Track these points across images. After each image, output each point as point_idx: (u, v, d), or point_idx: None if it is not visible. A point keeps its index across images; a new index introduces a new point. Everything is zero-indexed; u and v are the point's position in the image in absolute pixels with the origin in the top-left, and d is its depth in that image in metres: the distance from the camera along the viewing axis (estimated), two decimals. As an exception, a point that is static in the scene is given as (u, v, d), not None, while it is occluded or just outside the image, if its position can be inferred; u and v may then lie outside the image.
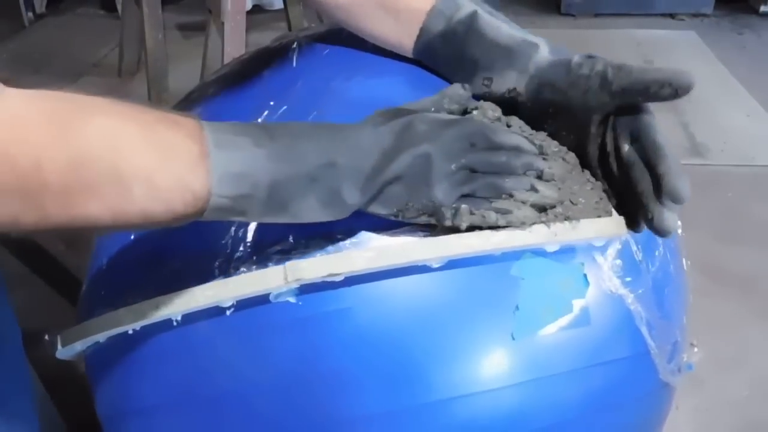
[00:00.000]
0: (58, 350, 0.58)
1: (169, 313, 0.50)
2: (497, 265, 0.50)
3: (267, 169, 0.43)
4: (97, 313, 0.55)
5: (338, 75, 0.59)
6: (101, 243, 0.64)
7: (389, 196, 0.47)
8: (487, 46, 0.55)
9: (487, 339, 0.50)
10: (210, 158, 0.41)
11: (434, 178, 0.47)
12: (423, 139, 0.47)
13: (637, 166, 0.50)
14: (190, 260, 0.52)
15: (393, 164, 0.46)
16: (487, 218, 0.48)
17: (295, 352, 0.49)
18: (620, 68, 0.50)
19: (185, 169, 0.41)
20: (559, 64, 0.53)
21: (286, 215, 0.45)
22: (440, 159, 0.47)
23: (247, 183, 0.42)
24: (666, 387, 0.60)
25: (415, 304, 0.50)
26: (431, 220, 0.48)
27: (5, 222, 0.37)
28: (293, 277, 0.47)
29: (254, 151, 0.43)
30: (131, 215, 0.40)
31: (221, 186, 0.42)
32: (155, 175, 0.40)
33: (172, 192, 0.40)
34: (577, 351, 0.52)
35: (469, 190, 0.48)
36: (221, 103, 0.63)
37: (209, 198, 0.42)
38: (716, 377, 1.16)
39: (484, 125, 0.51)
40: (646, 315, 0.54)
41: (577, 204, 0.51)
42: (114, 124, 0.39)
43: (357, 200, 0.46)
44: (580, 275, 0.52)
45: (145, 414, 0.56)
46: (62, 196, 0.38)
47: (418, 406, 0.49)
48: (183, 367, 0.53)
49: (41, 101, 0.38)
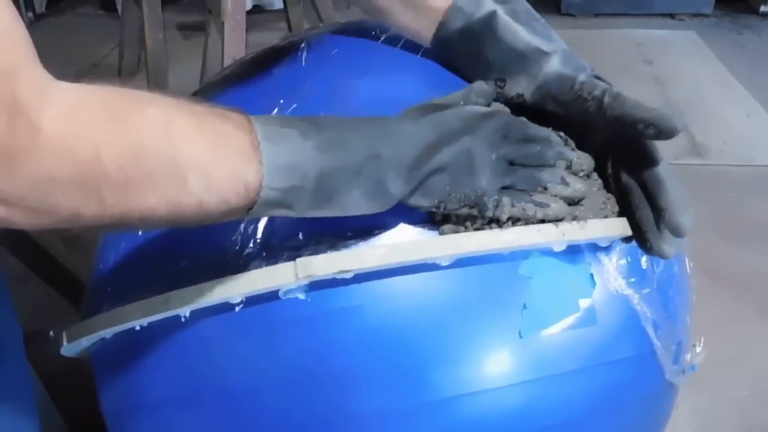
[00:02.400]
0: (64, 347, 0.58)
1: (178, 310, 0.50)
2: (505, 264, 0.50)
3: (315, 160, 0.43)
4: (103, 309, 0.55)
5: (348, 73, 0.59)
6: (107, 240, 0.64)
7: (432, 187, 0.47)
8: (502, 49, 0.55)
9: (495, 337, 0.50)
10: (261, 149, 0.41)
11: (477, 168, 0.48)
12: (463, 131, 0.48)
13: (636, 193, 0.51)
14: (199, 257, 0.52)
15: (437, 156, 0.47)
16: (527, 211, 0.49)
17: (303, 349, 0.50)
18: (616, 98, 0.50)
19: (238, 160, 0.41)
20: (565, 80, 0.53)
21: (332, 208, 0.45)
22: (481, 150, 0.48)
23: (296, 174, 0.43)
24: (670, 387, 0.60)
25: (423, 302, 0.50)
26: (472, 212, 0.49)
27: (66, 215, 0.37)
28: (304, 274, 0.47)
29: (302, 142, 0.43)
30: (187, 207, 0.40)
31: (272, 178, 0.42)
32: (210, 165, 0.40)
33: (226, 183, 0.41)
34: (583, 350, 0.52)
35: (510, 182, 0.49)
36: (230, 101, 0.63)
37: (260, 190, 0.42)
38: (716, 377, 1.16)
39: (516, 119, 0.52)
40: (652, 315, 0.54)
41: (584, 204, 0.51)
42: (167, 114, 0.39)
43: (401, 191, 0.46)
44: (587, 275, 0.52)
45: (152, 409, 0.56)
46: (121, 186, 0.37)
47: (427, 403, 0.49)
48: (191, 362, 0.53)
49: (94, 93, 0.38)
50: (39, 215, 0.37)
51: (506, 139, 0.50)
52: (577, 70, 0.54)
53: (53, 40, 2.50)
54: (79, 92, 0.37)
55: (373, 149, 0.45)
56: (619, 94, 0.51)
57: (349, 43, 0.62)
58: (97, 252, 0.65)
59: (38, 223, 0.37)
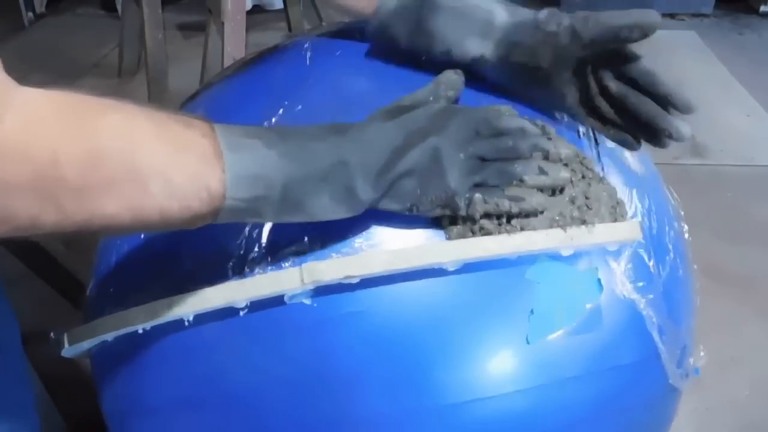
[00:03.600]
0: (65, 349, 0.57)
1: (182, 314, 0.50)
2: (512, 269, 0.50)
3: (280, 169, 0.43)
4: (106, 311, 0.54)
5: (352, 74, 0.59)
6: (109, 241, 0.63)
7: (402, 191, 0.47)
8: (441, 17, 0.55)
9: (501, 342, 0.50)
10: (224, 158, 0.41)
11: (446, 168, 0.47)
12: (429, 131, 0.48)
13: (631, 94, 0.52)
14: (203, 261, 0.52)
15: (403, 159, 0.47)
16: (501, 206, 0.48)
17: (310, 354, 0.49)
18: (587, 19, 0.51)
19: (200, 167, 0.41)
20: (524, 25, 0.54)
21: (301, 214, 0.45)
22: (449, 149, 0.48)
23: (261, 184, 0.42)
24: (674, 391, 0.60)
25: (429, 307, 0.50)
26: (445, 212, 0.48)
27: (25, 223, 0.37)
28: (310, 279, 0.47)
29: (266, 152, 0.43)
30: (149, 213, 0.40)
31: (236, 188, 0.41)
32: (171, 170, 0.40)
33: (188, 189, 0.40)
34: (588, 355, 0.52)
35: (480, 179, 0.49)
36: (233, 102, 0.63)
37: (224, 198, 0.41)
38: (716, 377, 1.16)
39: (487, 112, 0.51)
40: (658, 320, 0.54)
41: (592, 208, 0.51)
42: (127, 120, 0.39)
43: (369, 196, 0.46)
44: (594, 279, 0.52)
45: (154, 412, 0.56)
46: (80, 192, 0.37)
47: (432, 408, 0.49)
48: (194, 366, 0.53)
49: (54, 98, 0.38)
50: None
51: (477, 134, 0.49)
52: (526, 13, 0.54)
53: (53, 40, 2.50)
54: (41, 97, 0.37)
55: (339, 156, 0.45)
56: (588, 15, 0.51)
57: (353, 43, 0.62)
58: (98, 253, 0.65)
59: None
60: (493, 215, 0.49)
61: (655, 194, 0.60)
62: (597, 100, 0.54)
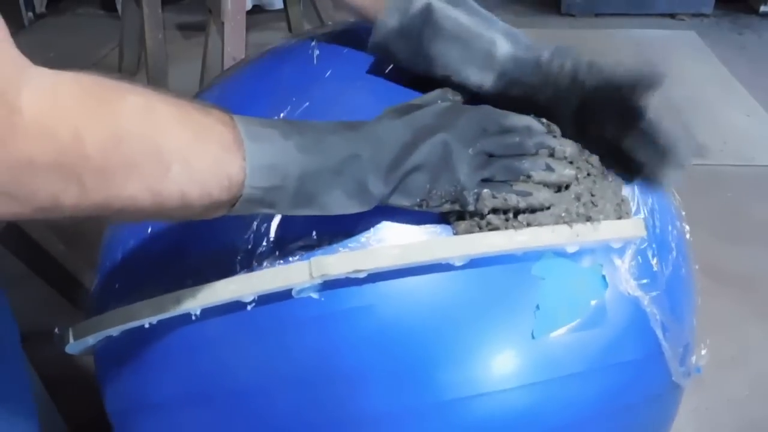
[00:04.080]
0: (69, 344, 0.57)
1: (189, 308, 0.50)
2: (518, 265, 0.50)
3: (297, 160, 0.43)
4: (111, 306, 0.54)
5: (359, 73, 0.59)
6: (114, 236, 0.63)
7: (411, 186, 0.47)
8: (443, 43, 0.54)
9: (506, 338, 0.50)
10: (245, 146, 0.41)
11: (455, 163, 0.48)
12: (438, 128, 0.48)
13: (629, 137, 0.51)
14: (210, 256, 0.52)
15: (413, 155, 0.47)
16: (509, 201, 0.49)
17: (315, 349, 0.50)
18: (591, 66, 0.51)
19: (222, 153, 0.41)
20: (526, 62, 0.53)
21: (313, 207, 0.45)
22: (458, 145, 0.48)
23: (278, 174, 0.43)
24: (676, 389, 0.60)
25: (435, 303, 0.50)
26: (454, 207, 0.49)
27: (45, 202, 0.36)
28: (318, 273, 0.47)
29: (284, 143, 0.43)
30: (169, 197, 0.39)
31: (254, 177, 0.42)
32: (192, 154, 0.39)
33: (209, 175, 0.40)
34: (592, 352, 0.52)
35: (489, 174, 0.49)
36: (240, 99, 0.63)
37: (244, 187, 0.41)
38: (716, 377, 1.16)
39: (494, 110, 0.52)
40: (661, 317, 0.54)
41: (598, 205, 0.51)
42: (148, 102, 0.39)
43: (380, 191, 0.46)
44: (599, 276, 0.52)
45: (159, 408, 0.56)
46: (102, 172, 0.37)
47: (437, 404, 0.49)
48: (200, 362, 0.53)
49: (72, 77, 0.37)
50: (16, 202, 0.35)
51: (485, 131, 0.50)
52: (528, 48, 0.53)
53: (53, 40, 2.50)
54: (57, 75, 0.36)
55: (353, 150, 0.45)
56: (592, 63, 0.51)
57: (359, 42, 0.62)
58: (103, 248, 0.65)
59: (15, 211, 0.36)
60: (501, 210, 0.49)
61: (658, 193, 0.60)
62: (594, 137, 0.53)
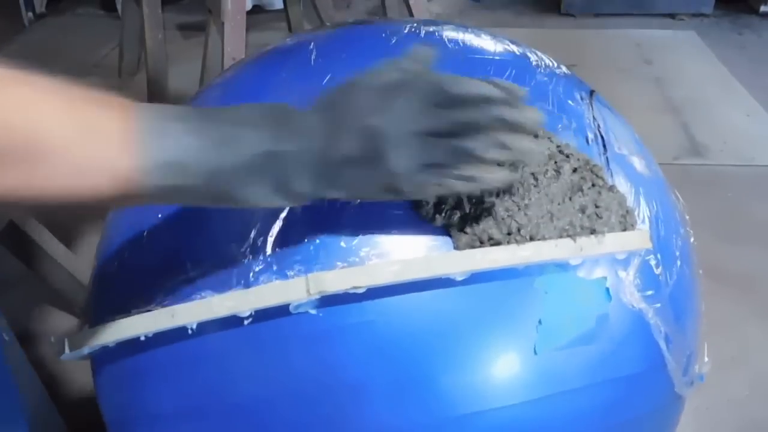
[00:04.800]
0: (64, 353, 0.57)
1: (186, 322, 0.49)
2: (520, 280, 0.49)
3: (200, 159, 0.42)
4: (107, 317, 0.54)
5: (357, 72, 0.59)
6: (108, 247, 0.63)
7: (345, 179, 0.44)
8: None
9: (508, 353, 0.49)
10: (137, 142, 0.40)
11: (387, 151, 0.43)
12: (369, 111, 0.44)
13: None
14: (207, 269, 0.52)
15: (340, 146, 0.44)
16: (455, 187, 0.44)
17: (314, 365, 0.49)
18: None
19: (109, 149, 0.40)
20: None
21: (232, 203, 0.44)
22: (392, 129, 0.43)
23: (179, 171, 0.41)
24: (679, 399, 0.59)
25: (436, 318, 0.49)
26: (399, 198, 0.45)
27: None
28: (316, 289, 0.46)
29: (188, 139, 0.42)
30: (51, 190, 0.39)
31: (150, 173, 0.41)
32: (74, 150, 0.39)
33: (95, 170, 0.40)
34: (596, 365, 0.51)
35: (431, 159, 0.44)
36: (239, 99, 0.62)
37: (141, 183, 0.41)
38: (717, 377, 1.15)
39: (441, 79, 0.45)
40: (665, 328, 0.53)
41: (602, 217, 0.50)
42: (33, 95, 0.38)
43: (309, 189, 0.44)
44: (603, 289, 0.51)
45: (157, 422, 0.55)
46: None
47: (438, 420, 0.49)
48: (198, 374, 0.52)
49: None
50: None
51: (432, 108, 0.44)
52: None
53: (53, 40, 2.50)
54: None
55: (269, 146, 0.43)
56: None
57: (358, 42, 0.62)
58: (97, 258, 0.64)
59: None
60: (503, 223, 0.47)
61: (663, 199, 0.59)
62: None
